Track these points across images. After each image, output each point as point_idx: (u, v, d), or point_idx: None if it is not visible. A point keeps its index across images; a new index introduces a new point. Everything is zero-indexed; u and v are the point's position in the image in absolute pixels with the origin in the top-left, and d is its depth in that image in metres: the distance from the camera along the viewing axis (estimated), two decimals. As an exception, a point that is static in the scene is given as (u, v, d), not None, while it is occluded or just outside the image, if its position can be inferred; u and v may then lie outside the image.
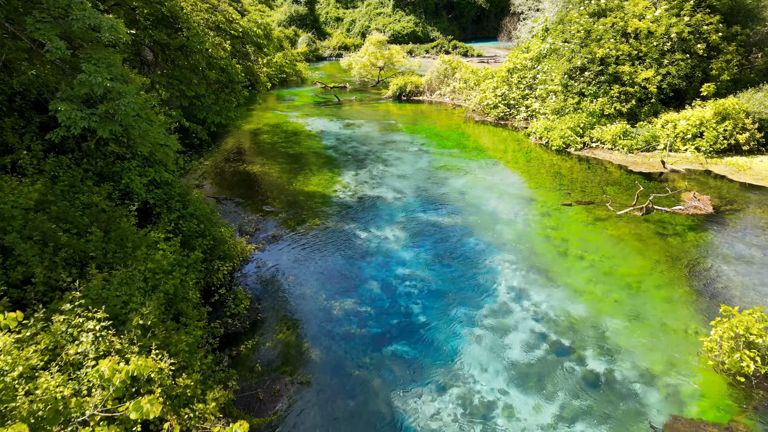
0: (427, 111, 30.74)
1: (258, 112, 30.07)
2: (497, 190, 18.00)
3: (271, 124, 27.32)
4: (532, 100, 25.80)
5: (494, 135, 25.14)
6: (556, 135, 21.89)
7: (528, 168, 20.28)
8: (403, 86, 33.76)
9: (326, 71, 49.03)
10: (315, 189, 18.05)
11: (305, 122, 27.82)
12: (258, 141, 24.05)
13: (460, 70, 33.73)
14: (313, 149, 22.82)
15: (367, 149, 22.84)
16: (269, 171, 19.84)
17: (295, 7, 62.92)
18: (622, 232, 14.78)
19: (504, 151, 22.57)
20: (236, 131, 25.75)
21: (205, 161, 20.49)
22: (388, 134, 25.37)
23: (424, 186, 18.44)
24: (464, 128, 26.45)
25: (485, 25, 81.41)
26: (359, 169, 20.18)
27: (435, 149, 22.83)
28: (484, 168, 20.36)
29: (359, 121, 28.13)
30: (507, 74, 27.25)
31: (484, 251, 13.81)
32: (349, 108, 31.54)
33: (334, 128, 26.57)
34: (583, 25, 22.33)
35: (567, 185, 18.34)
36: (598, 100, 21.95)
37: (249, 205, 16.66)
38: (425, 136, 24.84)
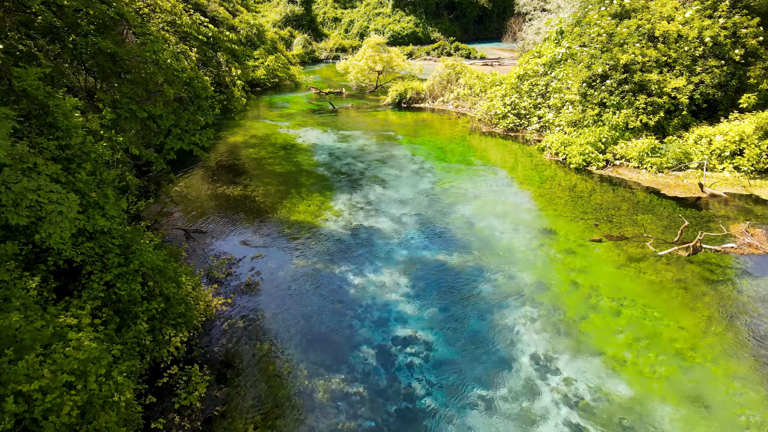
0: (429, 120, 28.39)
1: (246, 122, 27.72)
2: (511, 219, 15.65)
3: (259, 135, 24.97)
4: (545, 109, 23.45)
5: (504, 149, 22.79)
6: (575, 151, 19.54)
7: (544, 190, 17.93)
8: (403, 93, 31.42)
9: (322, 74, 46.68)
10: (303, 218, 15.71)
11: (297, 133, 25.47)
12: (243, 156, 21.69)
13: (465, 75, 31.36)
14: (304, 167, 20.47)
15: (363, 166, 20.49)
16: (252, 194, 17.49)
17: (290, 7, 60.60)
18: (663, 277, 12.43)
19: (515, 168, 20.22)
20: (221, 144, 23.40)
21: (178, 183, 18.13)
22: (386, 148, 23.02)
23: (426, 213, 16.10)
24: (470, 140, 24.10)
25: (487, 26, 79.07)
26: (354, 192, 17.83)
27: (438, 166, 20.48)
28: (495, 190, 18.02)
29: (355, 132, 25.78)
30: (517, 81, 24.90)
31: (499, 304, 11.47)
32: (344, 117, 29.18)
33: (328, 141, 24.21)
34: (605, 28, 19.98)
35: (591, 213, 15.99)
36: (622, 111, 19.60)
37: (224, 238, 14.32)
38: (427, 150, 22.49)
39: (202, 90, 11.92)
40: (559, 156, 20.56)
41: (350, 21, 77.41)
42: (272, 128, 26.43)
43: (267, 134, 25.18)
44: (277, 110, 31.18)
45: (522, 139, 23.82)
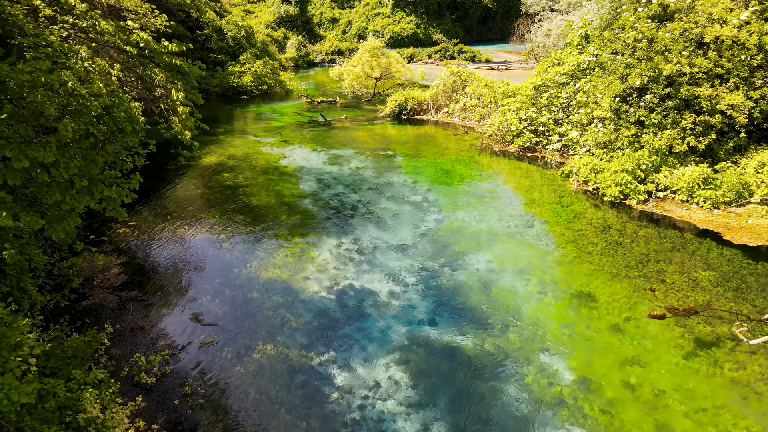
0: (433, 135, 25.16)
1: (226, 138, 24.53)
2: (535, 276, 12.44)
3: (238, 155, 21.77)
4: (567, 126, 20.24)
5: (520, 174, 19.55)
6: (610, 180, 16.31)
7: (573, 232, 14.71)
8: (403, 103, 28.21)
9: (316, 80, 43.49)
10: (277, 275, 12.48)
11: (282, 153, 22.25)
12: (215, 183, 18.48)
13: (472, 83, 28.14)
14: (286, 198, 17.26)
15: (355, 198, 17.28)
16: (218, 238, 14.29)
17: (284, 7, 57.43)
18: (750, 375, 9.21)
19: (536, 201, 16.99)
20: (192, 168, 20.21)
21: (130, 220, 14.90)
22: (383, 172, 19.80)
23: (431, 267, 12.88)
24: (480, 162, 20.88)
25: (491, 27, 75.85)
26: (343, 234, 14.62)
27: (444, 197, 17.26)
28: (513, 231, 14.80)
29: (348, 151, 22.55)
30: (533, 92, 21.68)
31: (532, 419, 8.25)
32: (337, 131, 25.97)
33: (317, 163, 21.00)
34: (644, 32, 16.73)
35: (636, 268, 12.77)
36: (665, 132, 16.38)
37: (170, 308, 11.11)
38: (431, 175, 19.27)
39: (128, 122, 8.69)
40: (588, 185, 17.34)
41: (348, 22, 74.31)
42: (255, 146, 23.22)
43: (247, 154, 21.96)
44: (263, 123, 27.96)
45: (541, 161, 20.58)
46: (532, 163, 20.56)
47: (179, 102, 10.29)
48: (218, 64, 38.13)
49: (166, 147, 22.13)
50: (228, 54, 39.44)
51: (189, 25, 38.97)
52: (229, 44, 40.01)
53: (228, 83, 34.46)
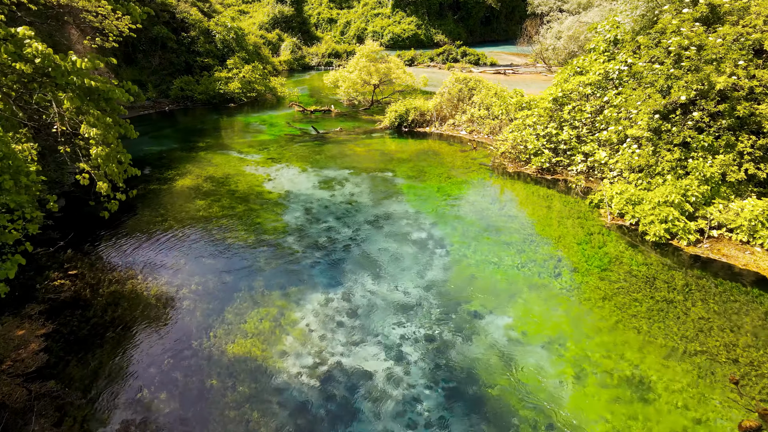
0: (437, 151, 22.50)
1: (206, 154, 21.89)
2: (570, 353, 9.80)
3: (217, 177, 19.12)
4: (592, 145, 17.59)
5: (540, 201, 16.89)
6: (651, 215, 13.66)
7: (611, 285, 12.07)
8: (404, 114, 25.56)
9: (312, 85, 40.86)
10: (247, 350, 9.84)
11: (267, 174, 19.60)
12: (185, 215, 15.84)
13: (479, 91, 25.50)
14: (267, 234, 14.62)
15: (348, 234, 14.64)
16: (178, 294, 11.63)
17: (279, 7, 54.77)
18: None
19: (562, 240, 14.33)
20: (161, 193, 17.58)
21: (71, 266, 12.22)
22: (381, 200, 17.16)
23: (439, 337, 10.24)
24: (492, 186, 18.24)
25: (495, 28, 73.28)
26: (332, 288, 11.99)
27: (453, 234, 14.62)
28: (536, 283, 12.16)
29: (342, 172, 19.89)
30: (552, 105, 19.03)
31: None
32: (331, 146, 23.31)
33: (306, 187, 18.35)
34: (691, 38, 14.07)
35: (696, 340, 10.13)
36: (717, 157, 13.74)
37: (90, 412, 8.46)
38: (436, 205, 16.62)
39: (10, 173, 6.02)
40: (624, 219, 14.70)
41: (346, 22, 71.75)
42: (237, 165, 20.57)
43: (228, 175, 19.31)
44: (250, 135, 25.31)
45: (563, 185, 17.92)
46: (553, 187, 17.91)
47: (93, 140, 7.62)
48: (205, 69, 35.54)
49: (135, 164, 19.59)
50: (216, 57, 36.81)
51: (174, 27, 36.35)
52: (217, 47, 37.38)
53: (214, 90, 31.82)
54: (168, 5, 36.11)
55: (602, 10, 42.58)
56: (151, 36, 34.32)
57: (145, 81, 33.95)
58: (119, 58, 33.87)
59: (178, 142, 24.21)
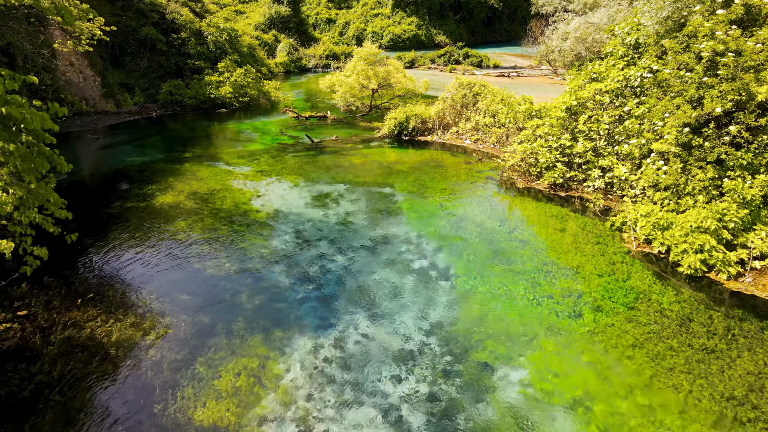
0: (440, 162, 20.94)
1: (192, 166, 20.36)
2: (599, 420, 8.23)
3: (201, 193, 17.59)
4: (611, 158, 16.03)
5: (554, 222, 15.33)
6: (684, 242, 12.11)
7: (641, 329, 10.52)
8: (404, 121, 24.02)
9: (308, 88, 39.32)
10: (218, 418, 8.28)
11: (256, 189, 18.06)
12: (162, 240, 14.29)
13: (485, 97, 23.96)
14: (251, 265, 13.06)
15: (342, 264, 13.09)
16: (142, 342, 10.07)
17: (275, 8, 53.26)
18: None
19: (581, 271, 12.76)
20: (140, 211, 16.03)
21: (17, 314, 10.67)
22: (379, 221, 15.60)
23: (446, 397, 8.69)
24: (500, 204, 16.69)
25: (497, 28, 71.73)
26: (322, 332, 10.44)
27: (458, 263, 13.07)
28: (554, 325, 10.60)
29: (337, 187, 18.34)
30: (566, 114, 17.48)
31: None
32: (326, 157, 21.76)
33: (297, 204, 16.80)
34: (727, 42, 12.52)
35: (748, 400, 8.58)
36: (758, 177, 12.20)
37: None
38: (440, 226, 15.07)
39: None
40: (652, 246, 13.15)
41: (345, 23, 70.28)
42: (224, 178, 19.03)
43: (213, 191, 17.77)
44: (240, 144, 23.77)
45: (578, 203, 16.37)
46: (567, 205, 16.36)
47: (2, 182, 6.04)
48: (197, 72, 34.03)
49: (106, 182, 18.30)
50: (208, 60, 35.33)
51: (164, 28, 34.84)
52: (209, 49, 35.88)
53: (204, 95, 30.28)
54: (157, 5, 34.61)
55: (609, 10, 41.05)
56: (140, 37, 32.82)
57: (133, 84, 32.47)
58: (106, 60, 32.39)
59: (163, 151, 22.68)
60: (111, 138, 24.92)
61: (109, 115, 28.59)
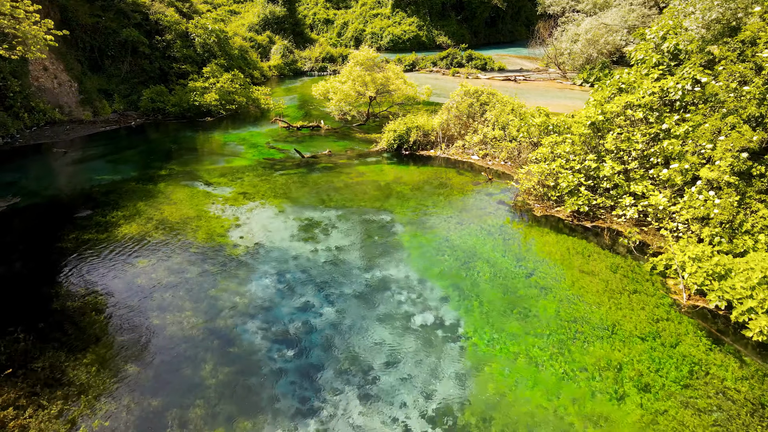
0: (444, 183, 18.68)
1: (167, 186, 18.13)
2: None
3: (173, 221, 15.36)
4: (645, 184, 13.79)
5: (580, 261, 13.04)
6: (750, 299, 9.87)
7: (702, 417, 8.26)
8: (405, 134, 21.78)
9: (303, 93, 37.06)
10: None
11: (236, 217, 15.82)
12: (117, 285, 12.04)
13: (493, 107, 21.74)
14: (220, 322, 10.81)
15: (330, 320, 10.84)
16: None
17: (270, 8, 50.99)
18: None
19: (618, 331, 10.50)
20: (101, 242, 13.80)
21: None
22: (375, 259, 13.35)
23: None
24: (516, 237, 14.44)
25: (500, 29, 69.45)
26: (301, 420, 8.17)
27: (469, 318, 10.84)
28: (593, 413, 8.36)
29: (328, 213, 16.09)
30: (590, 131, 15.25)
31: None
32: (317, 176, 19.50)
33: (282, 237, 14.57)
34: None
35: None
36: (837, 219, 9.95)
37: None
38: (446, 267, 12.81)
39: None
40: (707, 300, 10.90)
41: (344, 23, 68.04)
42: (202, 202, 16.80)
43: (186, 219, 15.54)
44: (224, 159, 21.52)
45: (608, 237, 14.10)
46: (594, 237, 14.09)
47: None
48: (183, 76, 31.80)
49: (66, 207, 14.76)
50: (195, 63, 33.10)
51: (147, 30, 32.59)
52: (197, 51, 33.65)
53: (188, 102, 28.02)
54: (140, 5, 32.36)
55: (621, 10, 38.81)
56: (120, 40, 30.59)
57: (114, 90, 30.22)
58: (84, 64, 30.17)
59: (137, 168, 20.44)
60: (82, 151, 22.67)
61: (84, 125, 26.34)
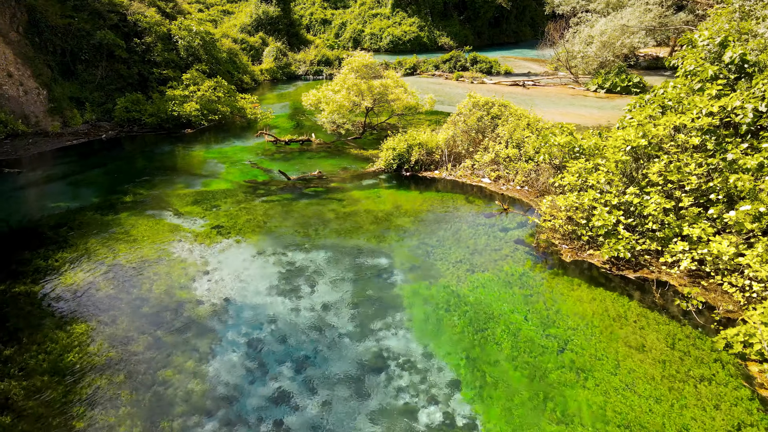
0: (451, 212, 16.09)
1: (128, 218, 15.55)
2: None
3: (129, 266, 12.78)
4: (703, 226, 11.20)
5: (622, 329, 10.40)
6: None
7: None
8: (405, 152, 19.18)
9: (295, 101, 34.44)
10: None
11: (204, 260, 13.24)
12: (42, 367, 9.47)
13: (506, 121, 19.18)
14: (165, 421, 8.24)
15: (309, 418, 8.23)
16: None
17: (263, 7, 48.37)
18: None
19: (688, 428, 7.95)
20: (30, 297, 11.21)
21: None
22: (369, 322, 10.74)
23: None
24: (539, 290, 11.82)
25: (504, 29, 66.83)
26: None
27: (489, 417, 8.25)
28: None
29: (315, 256, 13.48)
30: (628, 158, 12.65)
31: None
32: (304, 204, 16.89)
33: (258, 290, 11.97)
34: None
35: None
36: None
37: None
38: (455, 336, 10.21)
39: None
40: (806, 399, 8.33)
41: (342, 24, 65.45)
42: (166, 240, 14.21)
43: (145, 264, 12.94)
44: (199, 183, 18.91)
45: (657, 293, 11.48)
46: (639, 292, 11.49)
47: None
48: (164, 82, 29.19)
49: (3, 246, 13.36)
50: (178, 68, 30.48)
51: (125, 32, 29.97)
52: (180, 55, 31.03)
53: (166, 112, 25.43)
54: (117, 5, 29.73)
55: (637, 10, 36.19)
56: (94, 43, 27.97)
57: (86, 98, 27.61)
58: (54, 70, 27.56)
59: (100, 193, 17.86)
60: (40, 170, 20.09)
61: (50, 138, 23.75)
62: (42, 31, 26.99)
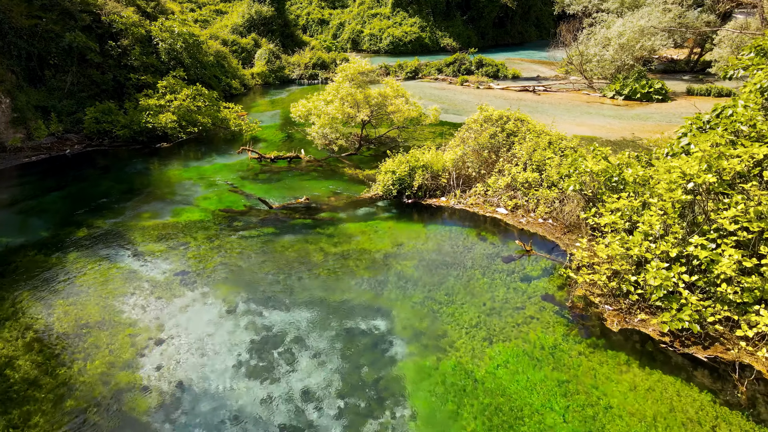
0: (462, 253, 13.44)
1: (77, 258, 12.95)
2: None
3: (61, 331, 10.19)
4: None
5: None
6: None
7: None
8: (407, 176, 16.56)
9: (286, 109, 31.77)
10: None
11: (160, 322, 10.65)
12: None
13: (524, 138, 16.61)
14: None
15: None
16: None
17: (256, 7, 45.74)
18: None
19: None
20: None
21: None
22: (363, 424, 8.17)
23: None
24: (576, 372, 9.22)
25: (509, 30, 64.20)
26: None
27: None
28: None
29: (296, 316, 10.87)
30: (689, 197, 10.07)
31: None
32: (287, 240, 14.25)
33: (222, 367, 9.36)
34: None
35: None
36: None
37: None
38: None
39: None
40: None
41: (340, 24, 62.81)
42: (117, 292, 11.61)
43: (82, 329, 10.32)
44: (169, 212, 16.28)
45: (737, 379, 8.90)
46: (712, 380, 8.91)
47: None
48: (142, 89, 26.58)
49: None
50: (159, 73, 27.86)
51: (99, 33, 27.35)
52: (161, 59, 28.43)
53: (139, 123, 22.82)
54: (90, 4, 27.11)
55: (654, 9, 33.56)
56: (64, 45, 25.36)
57: (53, 107, 24.98)
58: (19, 76, 24.92)
59: (51, 224, 15.27)
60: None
61: (5, 154, 21.15)
62: (5, 33, 24.36)
